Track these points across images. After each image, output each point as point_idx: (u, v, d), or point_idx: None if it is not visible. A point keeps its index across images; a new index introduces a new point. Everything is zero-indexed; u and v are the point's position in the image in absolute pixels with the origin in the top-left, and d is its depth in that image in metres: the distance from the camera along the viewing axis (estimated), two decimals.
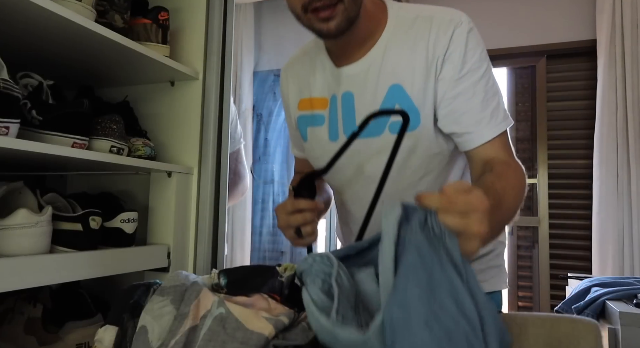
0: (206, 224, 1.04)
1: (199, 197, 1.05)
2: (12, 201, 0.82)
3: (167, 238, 0.99)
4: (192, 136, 1.06)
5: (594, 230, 2.28)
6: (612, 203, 2.23)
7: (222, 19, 1.10)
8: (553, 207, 2.46)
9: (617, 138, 2.25)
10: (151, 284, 0.64)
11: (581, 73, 2.47)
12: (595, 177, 2.29)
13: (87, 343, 0.86)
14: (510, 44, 2.54)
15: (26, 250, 0.72)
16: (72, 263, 0.77)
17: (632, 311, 1.43)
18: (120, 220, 0.90)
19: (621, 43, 2.28)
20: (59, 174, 1.18)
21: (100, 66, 1.00)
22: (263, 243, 2.93)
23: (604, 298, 1.60)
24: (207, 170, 1.05)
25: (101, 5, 0.89)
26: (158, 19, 1.00)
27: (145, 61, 0.96)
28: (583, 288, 1.76)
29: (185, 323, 0.52)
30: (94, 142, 0.86)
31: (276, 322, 0.49)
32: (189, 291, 0.56)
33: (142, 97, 1.13)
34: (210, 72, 1.07)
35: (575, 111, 2.47)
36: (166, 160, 1.07)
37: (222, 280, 0.58)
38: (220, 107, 1.09)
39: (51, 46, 0.88)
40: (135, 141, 0.96)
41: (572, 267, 2.39)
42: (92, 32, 0.81)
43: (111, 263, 0.84)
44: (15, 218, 0.71)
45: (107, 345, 0.56)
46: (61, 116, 0.78)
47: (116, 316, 0.59)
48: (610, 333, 1.46)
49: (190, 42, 1.08)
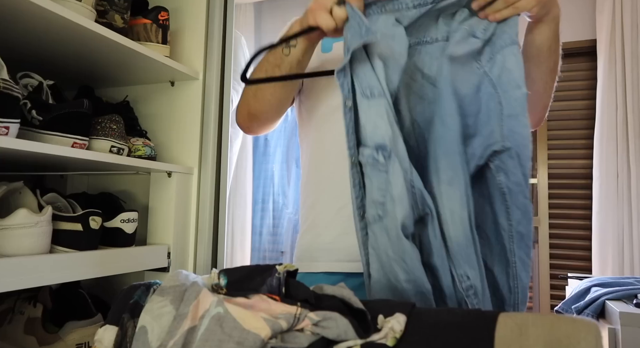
0: (206, 224, 1.04)
1: (199, 197, 1.05)
2: (12, 201, 0.82)
3: (167, 238, 0.99)
4: (192, 136, 1.06)
5: (594, 230, 2.27)
6: (612, 203, 2.23)
7: (222, 19, 1.10)
8: (553, 207, 2.46)
9: (617, 138, 2.25)
10: (151, 284, 0.64)
11: (581, 73, 2.47)
12: (595, 177, 2.29)
13: (87, 343, 0.86)
14: None
15: (26, 250, 0.72)
16: (72, 263, 0.77)
17: (632, 311, 1.43)
18: (120, 220, 0.90)
19: (621, 43, 2.28)
20: (59, 174, 1.18)
21: (100, 66, 1.00)
22: (263, 243, 2.92)
23: (604, 298, 1.60)
24: (207, 170, 1.05)
25: (101, 5, 0.89)
26: (158, 19, 1.00)
27: (145, 61, 0.96)
28: (583, 288, 1.76)
29: (184, 323, 0.52)
30: (94, 142, 0.86)
31: (274, 324, 0.49)
32: (188, 292, 0.56)
33: (142, 97, 1.13)
34: (210, 72, 1.07)
35: (575, 111, 2.47)
36: (166, 160, 1.07)
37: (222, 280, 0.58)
38: (220, 107, 1.09)
39: (51, 46, 0.88)
40: (135, 141, 0.96)
41: (572, 267, 2.39)
42: (92, 32, 0.81)
43: (111, 263, 0.84)
44: (15, 218, 0.71)
45: (107, 345, 0.56)
46: (61, 116, 0.78)
47: (116, 316, 0.59)
48: (610, 333, 1.46)
49: (190, 42, 1.08)
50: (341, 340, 0.48)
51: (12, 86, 0.66)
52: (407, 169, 0.63)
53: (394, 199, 0.62)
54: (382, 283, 0.64)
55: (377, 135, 0.63)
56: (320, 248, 0.86)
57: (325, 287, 0.55)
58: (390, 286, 0.63)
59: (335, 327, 0.48)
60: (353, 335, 0.48)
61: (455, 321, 0.48)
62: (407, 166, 0.63)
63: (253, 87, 0.85)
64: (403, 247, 0.61)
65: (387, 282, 0.63)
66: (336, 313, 0.49)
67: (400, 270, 0.62)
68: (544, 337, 0.43)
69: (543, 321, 0.44)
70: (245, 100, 0.89)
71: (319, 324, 0.49)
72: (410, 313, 0.50)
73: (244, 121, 0.92)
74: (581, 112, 2.45)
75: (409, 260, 0.61)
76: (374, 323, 0.50)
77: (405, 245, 0.61)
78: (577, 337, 0.42)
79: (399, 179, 0.62)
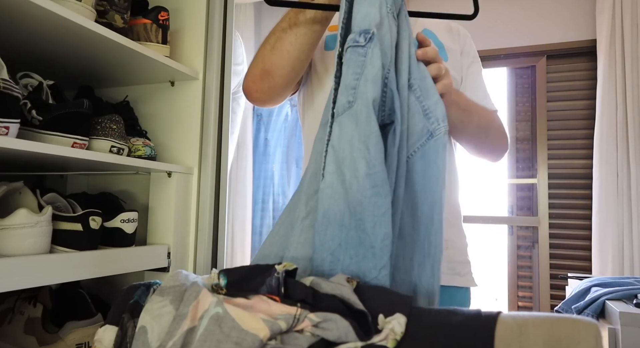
0: (206, 224, 1.04)
1: (199, 197, 1.05)
2: (12, 201, 0.82)
3: (167, 238, 0.99)
4: (192, 136, 1.06)
5: (594, 230, 2.28)
6: (612, 203, 2.23)
7: (222, 19, 1.10)
8: (553, 207, 2.46)
9: (617, 138, 2.25)
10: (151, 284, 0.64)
11: (581, 73, 2.47)
12: (595, 177, 2.29)
13: (87, 343, 0.86)
14: (510, 44, 2.54)
15: (26, 250, 0.72)
16: (72, 263, 0.77)
17: (632, 311, 1.43)
18: (120, 220, 0.90)
19: (621, 43, 2.28)
20: (59, 174, 1.18)
21: (100, 66, 1.00)
22: None
23: (604, 298, 1.60)
24: (207, 170, 1.05)
25: (101, 5, 0.89)
26: (158, 19, 1.00)
27: (145, 61, 0.96)
28: (583, 288, 1.76)
29: (183, 324, 0.52)
30: (94, 142, 0.86)
31: (273, 324, 0.49)
32: (188, 292, 0.56)
33: (142, 97, 1.13)
34: (210, 72, 1.07)
35: (575, 111, 2.47)
36: (166, 160, 1.07)
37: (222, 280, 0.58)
38: (220, 107, 1.09)
39: (51, 46, 0.88)
40: (135, 141, 0.96)
41: (572, 267, 2.39)
42: (92, 32, 0.81)
43: (111, 263, 0.84)
44: (15, 218, 0.71)
45: (106, 345, 0.56)
46: (61, 116, 0.78)
47: (116, 316, 0.59)
48: (610, 333, 1.47)
49: (190, 42, 1.08)
50: (341, 341, 0.47)
51: (12, 86, 0.66)
52: (386, 63, 0.61)
53: (367, 79, 0.59)
54: (335, 187, 0.59)
55: (364, 21, 0.62)
56: None
57: (324, 284, 0.55)
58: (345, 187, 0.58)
59: (335, 328, 0.48)
60: (353, 336, 0.48)
61: (455, 321, 0.48)
62: (387, 57, 0.61)
63: (272, 38, 0.82)
64: (370, 129, 0.58)
65: (341, 184, 0.59)
66: (336, 314, 0.49)
67: (361, 160, 0.57)
68: (544, 337, 0.43)
69: (543, 321, 0.44)
70: (260, 55, 0.84)
71: (319, 325, 0.49)
72: (410, 314, 0.50)
73: (255, 81, 0.85)
74: (581, 112, 2.46)
75: (373, 147, 0.58)
76: (374, 323, 0.50)
77: (372, 126, 0.58)
78: (577, 337, 0.42)
79: (376, 62, 0.60)
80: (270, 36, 0.83)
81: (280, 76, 0.83)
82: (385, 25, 0.63)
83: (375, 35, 0.61)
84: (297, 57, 0.81)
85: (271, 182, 2.93)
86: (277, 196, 2.92)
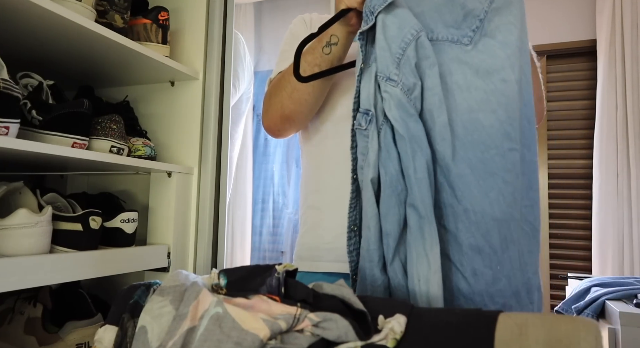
0: (206, 224, 1.04)
1: (199, 197, 1.05)
2: (12, 201, 0.82)
3: (167, 238, 0.99)
4: (192, 136, 1.06)
5: (594, 230, 2.27)
6: (612, 203, 2.23)
7: (222, 19, 1.10)
8: (553, 207, 2.46)
9: (617, 138, 2.25)
10: (151, 284, 0.64)
11: (581, 73, 2.47)
12: (595, 177, 2.29)
13: (87, 343, 0.86)
14: None
15: (26, 250, 0.72)
16: (72, 263, 0.77)
17: (632, 311, 1.43)
18: (120, 220, 0.90)
19: (621, 43, 2.28)
20: (59, 174, 1.18)
21: (100, 66, 1.00)
22: (263, 243, 2.92)
23: (604, 298, 1.60)
24: (207, 170, 1.05)
25: (101, 5, 0.89)
26: (158, 19, 1.00)
27: (145, 61, 0.96)
28: (583, 288, 1.76)
29: (183, 324, 0.52)
30: (94, 142, 0.86)
31: (273, 324, 0.49)
32: (188, 292, 0.56)
33: (142, 97, 1.13)
34: (210, 72, 1.07)
35: (575, 111, 2.47)
36: (166, 160, 1.07)
37: (222, 280, 0.58)
38: (220, 107, 1.09)
39: (51, 46, 0.88)
40: (135, 141, 0.96)
41: (572, 267, 2.39)
42: (92, 32, 0.81)
43: (111, 263, 0.84)
44: (15, 218, 0.71)
45: (106, 345, 0.56)
46: (61, 116, 0.78)
47: (116, 316, 0.59)
48: (610, 333, 1.46)
49: (190, 42, 1.08)
50: (341, 341, 0.47)
51: (12, 86, 0.66)
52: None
53: (369, 165, 0.63)
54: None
55: (367, 101, 0.64)
56: (320, 248, 0.86)
57: (325, 286, 0.55)
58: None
59: (335, 328, 0.48)
60: (353, 336, 0.47)
61: (455, 321, 0.48)
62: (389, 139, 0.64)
63: (288, 88, 0.83)
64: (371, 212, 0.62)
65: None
66: (336, 314, 0.49)
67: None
68: (544, 337, 0.43)
69: (543, 321, 0.44)
70: (278, 102, 0.86)
71: (319, 325, 0.49)
72: (410, 314, 0.49)
73: (276, 124, 0.88)
74: (581, 112, 2.45)
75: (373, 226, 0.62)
76: (374, 323, 0.50)
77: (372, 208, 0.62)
78: (577, 337, 0.42)
79: (375, 145, 0.63)
80: (286, 85, 0.83)
81: (300, 120, 0.88)
82: (389, 110, 0.64)
83: (373, 117, 0.64)
84: (314, 103, 0.85)
85: (271, 182, 2.93)
86: (277, 196, 2.92)
